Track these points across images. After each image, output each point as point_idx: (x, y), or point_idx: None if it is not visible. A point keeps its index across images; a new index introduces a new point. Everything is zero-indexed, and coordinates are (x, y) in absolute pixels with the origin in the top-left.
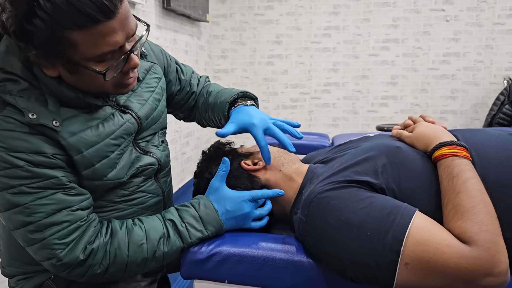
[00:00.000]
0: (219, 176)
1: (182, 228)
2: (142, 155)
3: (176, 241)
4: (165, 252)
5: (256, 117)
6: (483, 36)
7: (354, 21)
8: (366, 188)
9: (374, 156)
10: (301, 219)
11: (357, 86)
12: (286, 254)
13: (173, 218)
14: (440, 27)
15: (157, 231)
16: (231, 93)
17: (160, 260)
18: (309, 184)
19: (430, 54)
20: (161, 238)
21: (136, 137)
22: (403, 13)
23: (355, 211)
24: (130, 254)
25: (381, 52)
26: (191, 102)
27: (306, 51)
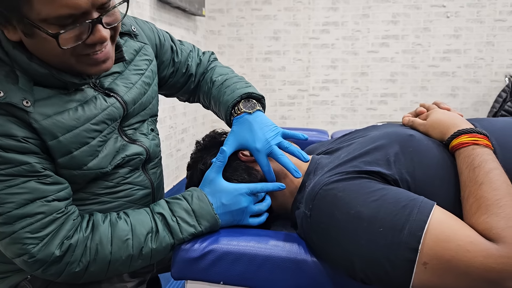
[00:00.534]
0: (215, 167)
1: (173, 222)
2: (129, 144)
3: (165, 237)
4: (153, 249)
5: (259, 137)
6: (484, 32)
7: (353, 16)
8: (378, 179)
9: (385, 144)
10: (305, 213)
11: (356, 83)
12: (288, 252)
13: (162, 211)
14: (441, 24)
15: (144, 226)
16: (235, 92)
17: (148, 258)
18: (312, 176)
19: (430, 51)
20: (149, 234)
21: (122, 124)
22: (403, 9)
23: (365, 204)
24: (114, 250)
25: (380, 49)
26: (190, 85)
27: (304, 47)
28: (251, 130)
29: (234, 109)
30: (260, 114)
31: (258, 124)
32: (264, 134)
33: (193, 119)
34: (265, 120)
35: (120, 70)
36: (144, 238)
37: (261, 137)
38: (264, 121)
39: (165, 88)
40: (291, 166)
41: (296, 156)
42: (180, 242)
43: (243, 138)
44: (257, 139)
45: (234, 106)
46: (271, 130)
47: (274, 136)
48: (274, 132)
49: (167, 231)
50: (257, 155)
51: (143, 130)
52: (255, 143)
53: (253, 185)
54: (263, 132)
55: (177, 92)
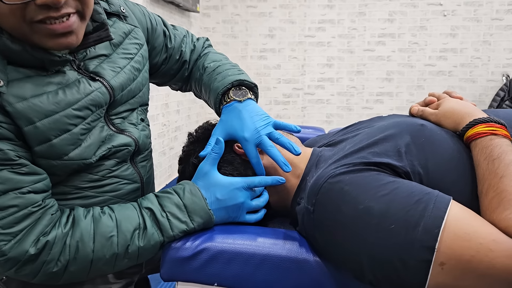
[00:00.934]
0: (210, 159)
1: (163, 218)
2: (116, 134)
3: (154, 234)
4: (140, 247)
5: (248, 126)
6: (481, 31)
7: (349, 14)
8: (387, 172)
9: (394, 134)
10: (307, 209)
11: (352, 82)
12: (288, 251)
13: (151, 206)
14: (437, 22)
15: (131, 222)
16: (226, 79)
17: (135, 257)
18: (314, 169)
19: (426, 49)
20: (136, 230)
21: (109, 112)
22: (400, 7)
23: (375, 199)
24: (96, 248)
25: (376, 47)
26: (184, 72)
27: (300, 45)
28: (240, 119)
29: (224, 97)
30: (251, 102)
31: (248, 113)
32: (254, 123)
33: (187, 117)
34: (256, 108)
35: (107, 53)
36: (131, 235)
37: (250, 126)
38: (255, 110)
39: (158, 76)
40: (280, 158)
41: (287, 148)
42: (170, 240)
43: (231, 127)
44: (245, 128)
45: (224, 93)
46: (262, 119)
47: (265, 125)
48: (265, 122)
49: (156, 228)
50: (245, 145)
51: (132, 120)
52: (243, 132)
53: (250, 179)
54: (253, 121)
55: (170, 80)
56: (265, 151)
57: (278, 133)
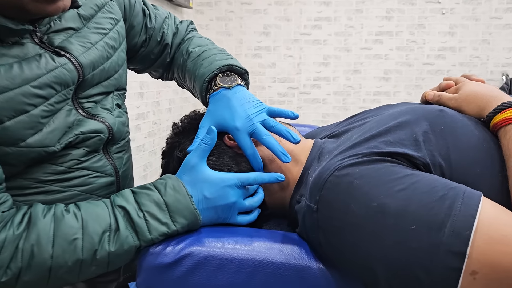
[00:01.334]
0: (199, 150)
1: (139, 219)
2: (86, 119)
3: (128, 237)
4: (111, 252)
5: (239, 114)
6: (480, 30)
7: (346, 11)
8: (404, 163)
9: (410, 121)
10: (309, 207)
11: (349, 81)
12: (287, 257)
13: (126, 204)
14: (436, 20)
15: (100, 222)
16: (212, 65)
17: (104, 264)
18: (316, 162)
19: (425, 48)
20: (106, 232)
21: (79, 94)
22: (397, 5)
23: (391, 195)
24: (56, 254)
25: (374, 46)
26: (166, 58)
27: (295, 43)
28: (230, 107)
29: (210, 84)
30: (240, 89)
31: (238, 100)
32: (245, 110)
33: (179, 116)
34: (246, 95)
35: (76, 27)
36: (99, 238)
37: (242, 114)
38: (246, 96)
39: (137, 60)
40: (278, 148)
41: (284, 136)
42: (148, 244)
43: (220, 117)
44: (236, 117)
45: (211, 81)
46: (254, 106)
47: (258, 112)
48: (257, 109)
49: (130, 230)
50: (237, 136)
51: (106, 105)
52: (234, 121)
53: (244, 176)
54: (244, 108)
55: (151, 65)
56: (260, 140)
57: (273, 120)
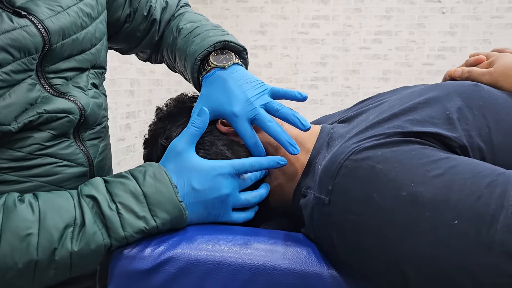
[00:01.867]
0: (188, 134)
1: (111, 211)
2: (53, 97)
3: (97, 233)
4: (74, 252)
5: (237, 98)
6: (481, 30)
7: (344, 10)
8: (436, 146)
9: (439, 97)
10: (319, 200)
11: (347, 82)
12: (292, 262)
13: (95, 194)
14: (436, 20)
15: (62, 215)
16: (205, 41)
17: (66, 268)
18: (325, 149)
19: (424, 48)
20: (69, 228)
21: (46, 66)
22: (397, 4)
23: (425, 181)
24: (3, 252)
25: (372, 45)
26: (154, 36)
27: (293, 42)
28: (226, 90)
29: (203, 64)
30: (238, 68)
31: (235, 81)
32: (244, 92)
33: None
34: (245, 75)
35: None
36: (60, 234)
37: (240, 97)
38: (244, 77)
39: (121, 38)
40: (284, 136)
41: (292, 122)
42: (121, 244)
43: (215, 102)
44: (234, 100)
45: (203, 60)
46: (255, 87)
47: (259, 95)
48: (258, 90)
49: (100, 225)
50: (235, 122)
51: (79, 83)
52: (231, 105)
53: (238, 162)
54: (243, 90)
55: (137, 45)
56: (263, 127)
57: (277, 103)
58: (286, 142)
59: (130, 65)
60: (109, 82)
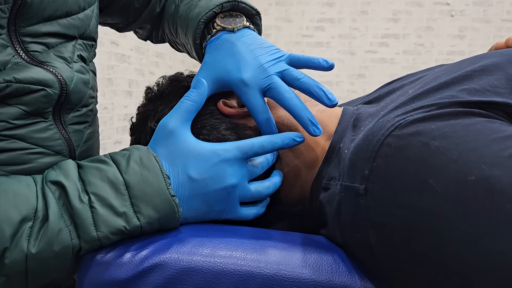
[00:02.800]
0: (182, 110)
1: (81, 203)
2: (28, 64)
3: (63, 231)
4: (31, 255)
5: (247, 63)
6: (491, 33)
7: (350, 13)
8: (504, 119)
9: (499, 63)
10: (350, 189)
11: (353, 86)
12: (314, 271)
13: (64, 181)
14: (444, 23)
15: (18, 205)
16: (211, 2)
17: (20, 276)
18: (350, 132)
19: (433, 52)
20: (27, 222)
21: (21, 26)
22: (405, 6)
23: (500, 163)
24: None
25: (379, 49)
26: (155, 7)
27: (297, 45)
28: (233, 54)
29: (207, 28)
30: (249, 32)
31: (246, 45)
32: (256, 57)
33: None
34: (258, 39)
35: None
36: (13, 231)
37: (252, 62)
38: (257, 41)
39: (117, 10)
40: (305, 113)
41: (316, 96)
42: (91, 247)
43: (220, 69)
44: (244, 66)
45: (208, 23)
46: (270, 52)
47: (276, 61)
48: (275, 56)
49: (67, 221)
50: (244, 93)
51: (63, 52)
52: (240, 72)
53: (246, 143)
54: (255, 55)
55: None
56: (279, 99)
57: (298, 72)
58: (307, 120)
59: (129, 64)
60: (106, 81)
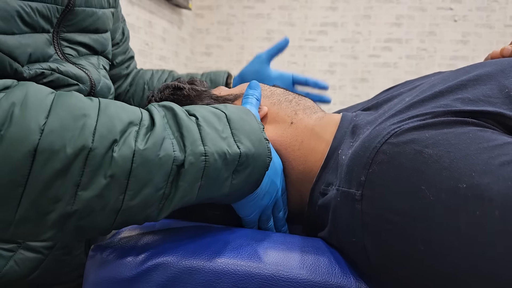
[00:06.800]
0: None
1: (189, 120)
2: (66, 62)
3: (166, 141)
4: (138, 151)
5: None
6: (494, 38)
7: (353, 17)
8: (496, 128)
9: (493, 73)
10: (347, 195)
11: (355, 90)
12: (311, 272)
13: (169, 104)
14: (447, 28)
15: (126, 111)
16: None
17: (125, 176)
18: (349, 138)
19: (436, 56)
20: (133, 126)
21: (62, 31)
22: (408, 11)
23: (490, 171)
24: (50, 127)
25: (382, 53)
26: (123, 71)
27: (300, 49)
28: None
29: None
30: None
31: None
32: None
33: None
34: None
35: None
36: (123, 128)
37: None
38: None
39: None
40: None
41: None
42: (196, 162)
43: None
44: None
45: None
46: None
47: None
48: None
49: (172, 134)
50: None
51: (91, 60)
52: None
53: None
54: None
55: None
56: None
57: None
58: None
59: None
60: None
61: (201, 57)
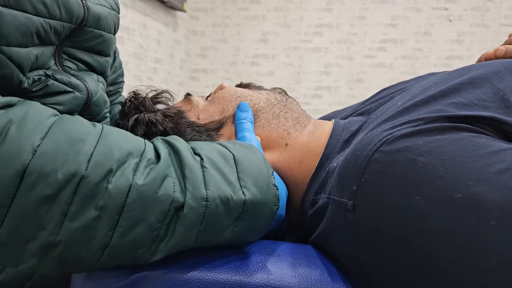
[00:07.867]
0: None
1: (193, 161)
2: (64, 72)
3: (168, 179)
4: (135, 185)
5: None
6: (489, 38)
7: (348, 18)
8: (491, 134)
9: (487, 76)
10: (338, 204)
11: (351, 91)
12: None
13: (173, 141)
14: (442, 28)
15: (129, 141)
16: None
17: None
18: (342, 145)
19: (431, 57)
20: (133, 158)
21: (66, 44)
22: (403, 11)
23: (486, 179)
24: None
25: (377, 54)
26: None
27: (295, 51)
28: None
29: None
30: None
31: None
32: None
33: None
34: None
35: None
36: (122, 158)
37: None
38: None
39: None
40: None
41: None
42: (197, 206)
43: None
44: None
45: None
46: None
47: None
48: None
49: (174, 173)
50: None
51: (92, 75)
52: None
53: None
54: None
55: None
56: None
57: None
58: None
59: (127, 71)
60: None
61: (197, 59)
